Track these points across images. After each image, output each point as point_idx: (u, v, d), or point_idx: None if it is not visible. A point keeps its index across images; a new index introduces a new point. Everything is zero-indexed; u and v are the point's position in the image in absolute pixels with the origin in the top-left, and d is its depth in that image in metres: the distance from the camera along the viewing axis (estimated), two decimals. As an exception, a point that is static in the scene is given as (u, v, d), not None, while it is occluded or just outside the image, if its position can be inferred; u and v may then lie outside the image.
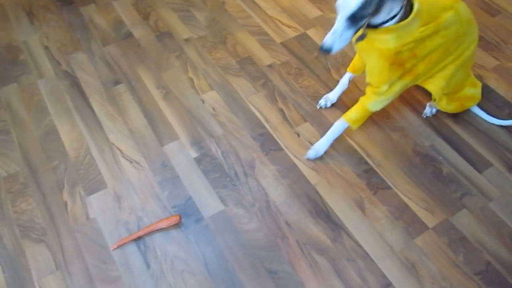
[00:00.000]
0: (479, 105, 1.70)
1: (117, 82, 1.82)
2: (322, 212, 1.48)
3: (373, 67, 1.39)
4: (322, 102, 1.75)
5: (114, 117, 1.72)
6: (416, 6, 1.27)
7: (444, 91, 1.51)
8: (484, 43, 1.97)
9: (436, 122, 1.71)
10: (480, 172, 1.58)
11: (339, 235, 1.43)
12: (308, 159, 1.61)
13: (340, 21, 1.21)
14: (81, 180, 1.55)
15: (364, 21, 1.23)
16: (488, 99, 1.75)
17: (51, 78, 1.84)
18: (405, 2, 1.24)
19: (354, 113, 1.52)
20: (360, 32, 1.33)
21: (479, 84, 1.63)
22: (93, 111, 1.74)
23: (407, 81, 1.42)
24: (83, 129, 1.68)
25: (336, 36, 1.22)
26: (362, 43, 1.37)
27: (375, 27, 1.28)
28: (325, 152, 1.61)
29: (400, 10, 1.25)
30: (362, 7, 1.18)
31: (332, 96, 1.75)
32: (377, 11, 1.23)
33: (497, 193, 1.52)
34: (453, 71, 1.45)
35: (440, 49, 1.37)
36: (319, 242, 1.41)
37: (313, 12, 2.11)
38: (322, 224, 1.45)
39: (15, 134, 1.67)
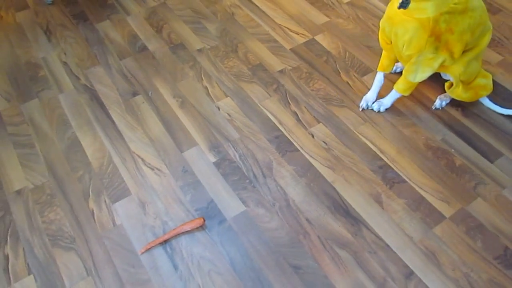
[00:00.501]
0: (489, 98, 1.76)
1: (135, 94, 1.89)
2: (341, 208, 1.53)
3: (411, 39, 1.48)
4: (363, 103, 1.81)
5: (133, 127, 1.78)
6: None
7: (462, 77, 1.60)
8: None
9: (446, 116, 1.76)
10: (491, 162, 1.62)
11: (359, 229, 1.47)
12: (372, 110, 1.80)
13: None
14: (106, 189, 1.61)
15: None
16: (495, 92, 1.80)
17: (71, 92, 1.91)
18: None
19: (401, 84, 1.68)
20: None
21: (490, 76, 1.70)
22: (113, 122, 1.80)
23: (444, 56, 1.51)
24: (105, 140, 1.75)
25: None
26: (401, 16, 1.46)
27: None
28: (386, 109, 1.79)
29: None
30: None
31: (371, 96, 1.81)
32: None
33: (510, 181, 1.56)
34: (471, 58, 1.56)
35: (469, 31, 1.47)
36: (340, 237, 1.46)
37: (320, 18, 2.18)
38: (341, 219, 1.50)
39: (39, 147, 1.74)
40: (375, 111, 1.79)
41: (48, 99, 1.89)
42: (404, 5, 1.41)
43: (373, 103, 1.80)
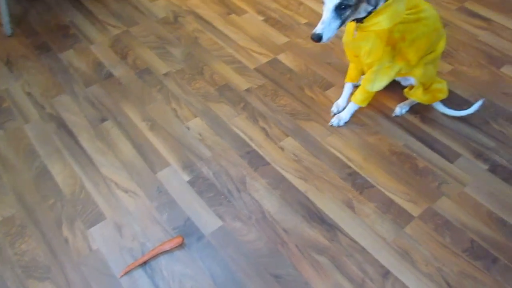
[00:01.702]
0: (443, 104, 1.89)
1: (103, 119, 1.89)
2: (315, 216, 1.57)
3: (370, 50, 1.57)
4: (334, 108, 1.90)
5: (104, 151, 1.78)
6: None
7: (422, 79, 1.71)
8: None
9: (406, 123, 1.87)
10: (451, 162, 1.73)
11: (335, 235, 1.52)
12: (332, 125, 1.86)
13: (328, 12, 1.41)
14: (79, 215, 1.59)
15: (348, 13, 1.42)
16: (448, 99, 1.91)
17: (37, 122, 1.89)
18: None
19: (359, 95, 1.77)
20: (353, 28, 1.56)
21: (444, 81, 1.82)
22: (82, 148, 1.79)
23: (400, 65, 1.62)
24: (75, 166, 1.73)
25: (325, 25, 1.43)
26: (359, 34, 1.57)
27: (361, 22, 1.51)
28: (345, 123, 1.87)
29: (377, 5, 1.47)
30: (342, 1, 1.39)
31: (341, 102, 1.90)
32: (356, 6, 1.43)
33: (470, 178, 1.67)
34: (429, 61, 1.68)
35: (424, 38, 1.59)
36: (317, 243, 1.50)
37: (281, 39, 2.28)
38: (317, 227, 1.54)
39: (6, 179, 1.70)
40: (334, 126, 1.86)
41: (13, 130, 1.86)
42: (315, 37, 1.48)
43: (333, 115, 1.90)
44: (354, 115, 1.88)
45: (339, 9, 1.41)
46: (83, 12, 2.43)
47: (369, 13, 1.49)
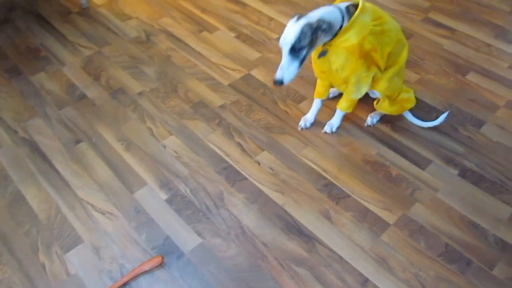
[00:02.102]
0: (412, 113, 1.94)
1: (78, 141, 1.88)
2: (293, 228, 1.59)
3: (343, 65, 1.62)
4: (301, 123, 1.93)
5: (79, 174, 1.77)
6: (360, 3, 1.54)
7: (387, 92, 1.76)
8: (406, 61, 2.23)
9: (378, 133, 1.91)
10: (423, 169, 1.77)
11: (313, 246, 1.54)
12: (326, 133, 1.92)
13: (284, 56, 1.48)
14: (56, 239, 1.57)
15: (304, 53, 1.46)
16: (417, 107, 1.97)
17: (9, 146, 1.86)
18: (344, 14, 1.53)
19: (344, 103, 1.83)
20: (319, 49, 1.61)
21: (411, 90, 1.88)
22: (57, 171, 1.77)
23: (375, 70, 1.67)
24: (50, 190, 1.71)
25: (284, 69, 1.49)
26: (332, 50, 1.61)
27: (330, 44, 1.56)
28: (337, 128, 1.93)
29: (342, 24, 1.53)
30: (299, 39, 1.44)
31: (309, 117, 1.93)
32: (312, 43, 1.46)
33: (441, 184, 1.72)
34: (393, 74, 1.73)
35: (388, 48, 1.64)
36: (296, 255, 1.51)
37: (253, 54, 2.32)
38: (295, 238, 1.56)
39: (-21, 206, 1.67)
40: (328, 133, 1.90)
41: (-15, 156, 1.83)
42: (323, 55, 1.60)
43: (301, 129, 1.93)
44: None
45: (294, 52, 1.47)
46: (54, 34, 2.42)
47: (335, 35, 1.54)
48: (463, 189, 1.71)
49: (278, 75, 1.51)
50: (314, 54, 1.70)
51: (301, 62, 1.51)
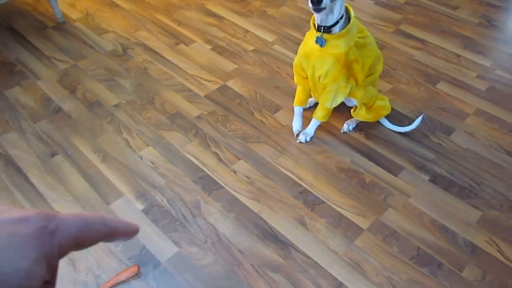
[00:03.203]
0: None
1: (53, 154, 1.87)
2: (269, 235, 1.61)
3: (327, 71, 1.66)
4: (301, 138, 1.95)
5: (55, 187, 1.76)
6: (352, 13, 1.61)
7: (363, 100, 1.82)
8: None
9: (352, 141, 1.96)
10: (395, 175, 1.82)
11: (288, 252, 1.56)
12: (300, 142, 1.95)
13: None
14: (30, 252, 1.55)
15: None
16: (390, 115, 2.02)
17: (-16, 160, 1.85)
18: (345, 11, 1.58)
19: (320, 113, 1.87)
20: (318, 34, 1.62)
21: (386, 98, 1.93)
22: (32, 185, 1.76)
23: (352, 84, 1.73)
24: (25, 203, 1.70)
25: None
26: (318, 55, 1.65)
27: (329, 31, 1.59)
28: (311, 138, 1.96)
29: (343, 16, 1.58)
30: None
31: (298, 125, 1.97)
32: None
33: (413, 190, 1.76)
34: (368, 83, 1.80)
35: (369, 60, 1.70)
36: (272, 262, 1.53)
37: (229, 66, 2.35)
38: (271, 245, 1.58)
39: (-49, 221, 1.64)
40: (303, 142, 1.93)
41: (-41, 170, 1.81)
42: (320, 42, 1.62)
43: (298, 134, 1.97)
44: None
45: None
46: (29, 48, 2.43)
47: (333, 25, 1.57)
48: (434, 194, 1.75)
49: None
50: (298, 58, 1.75)
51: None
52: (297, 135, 1.97)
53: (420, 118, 1.93)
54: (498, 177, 1.82)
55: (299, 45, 1.76)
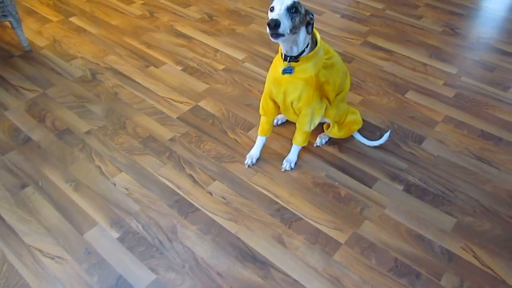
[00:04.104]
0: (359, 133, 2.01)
1: (23, 186, 1.83)
2: (248, 256, 1.59)
3: (300, 95, 1.67)
4: (248, 161, 1.93)
5: (26, 219, 1.71)
6: (318, 36, 1.63)
7: (336, 118, 1.84)
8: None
9: (326, 155, 1.97)
10: (370, 187, 1.83)
11: (268, 272, 1.54)
12: (285, 170, 1.91)
13: (281, 10, 1.43)
14: (2, 290, 1.50)
15: (297, 20, 1.46)
16: (362, 127, 2.04)
17: (-49, 197, 1.79)
18: (311, 35, 1.58)
19: (299, 137, 1.87)
20: (285, 65, 1.61)
21: (357, 111, 1.96)
22: (2, 219, 1.71)
23: (326, 103, 1.74)
24: (-5, 239, 1.65)
25: (281, 15, 1.42)
26: (288, 80, 1.64)
27: (297, 60, 1.58)
28: (295, 164, 1.93)
29: (309, 44, 1.58)
30: (296, 2, 1.45)
31: (254, 153, 1.94)
32: (302, 21, 1.50)
33: (388, 200, 1.78)
34: (339, 101, 1.82)
35: (338, 79, 1.72)
36: (252, 283, 1.51)
37: (201, 86, 2.35)
38: (250, 266, 1.56)
39: None
40: (288, 170, 1.90)
41: None
42: (288, 71, 1.61)
43: (248, 167, 1.93)
44: (276, 153, 1.96)
45: (290, 12, 1.44)
46: (-5, 78, 2.39)
47: (299, 55, 1.58)
48: (408, 203, 1.77)
49: (275, 16, 1.41)
50: (268, 83, 1.75)
51: (292, 27, 1.45)
52: (248, 165, 1.93)
53: (388, 134, 1.96)
54: (470, 183, 1.85)
55: (269, 61, 1.77)
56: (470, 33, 2.86)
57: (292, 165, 1.92)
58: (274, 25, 1.40)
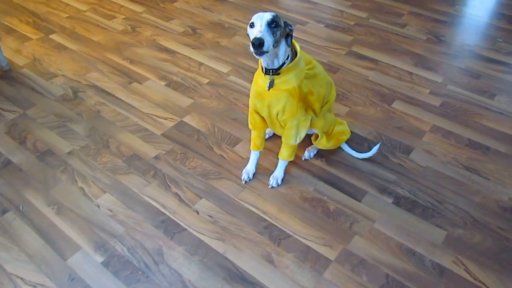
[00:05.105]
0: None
1: (4, 211, 1.77)
2: (236, 276, 1.55)
3: (284, 107, 1.64)
4: (244, 176, 1.90)
5: (7, 246, 1.66)
6: (298, 47, 1.60)
7: (324, 129, 1.82)
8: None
9: (314, 169, 1.94)
10: (359, 200, 1.81)
11: (257, 293, 1.51)
12: (272, 187, 1.87)
13: (263, 26, 1.42)
14: (-18, 322, 1.45)
15: (278, 34, 1.45)
16: (349, 139, 2.02)
17: None
18: (290, 47, 1.57)
19: (285, 152, 1.83)
20: (268, 80, 1.59)
21: (344, 122, 1.94)
22: (-18, 246, 1.66)
23: (311, 115, 1.72)
24: (-25, 268, 1.59)
25: (263, 32, 1.41)
26: (271, 93, 1.61)
27: (278, 73, 1.56)
28: (282, 180, 1.90)
29: (289, 56, 1.57)
30: (275, 17, 1.45)
31: (250, 168, 1.91)
32: (282, 34, 1.48)
33: (378, 214, 1.75)
34: (325, 111, 1.80)
35: (322, 89, 1.70)
36: (241, 305, 1.48)
37: (185, 101, 2.32)
38: (239, 287, 1.52)
39: None
40: (275, 186, 1.87)
41: None
42: (272, 85, 1.60)
43: (245, 182, 1.90)
44: (264, 168, 1.93)
45: (271, 27, 1.43)
46: (-26, 100, 2.33)
47: (280, 67, 1.56)
48: (398, 217, 1.75)
49: (258, 34, 1.40)
50: (252, 98, 1.73)
51: (274, 42, 1.44)
52: (246, 181, 1.90)
53: (377, 146, 1.93)
54: (459, 194, 1.84)
55: (254, 74, 1.74)
56: (455, 41, 2.86)
57: (279, 182, 1.89)
58: (259, 43, 1.39)
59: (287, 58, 1.57)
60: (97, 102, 2.31)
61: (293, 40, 1.60)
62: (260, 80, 1.65)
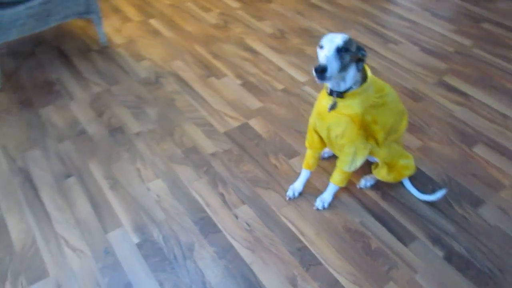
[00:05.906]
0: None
1: (68, 175, 1.94)
2: (256, 291, 1.53)
3: (343, 132, 1.57)
4: (290, 193, 1.87)
5: (62, 208, 1.81)
6: (369, 73, 1.52)
7: (386, 159, 1.71)
8: (409, 126, 2.16)
9: (366, 199, 1.83)
10: (406, 245, 1.67)
11: (271, 313, 1.47)
12: (317, 209, 1.82)
13: (330, 51, 1.37)
14: (24, 271, 1.60)
15: (347, 59, 1.40)
16: (414, 176, 1.88)
17: (5, 174, 1.95)
18: (361, 69, 1.49)
19: (337, 176, 1.76)
20: (331, 101, 1.53)
21: (411, 156, 1.79)
22: (43, 203, 1.83)
23: (372, 144, 1.63)
24: (32, 221, 1.76)
25: (330, 57, 1.36)
26: (332, 115, 1.55)
27: (342, 96, 1.50)
28: (329, 204, 1.83)
29: (358, 78, 1.49)
30: (347, 43, 1.39)
31: (298, 186, 1.87)
32: (352, 59, 1.42)
33: (422, 265, 1.60)
34: (392, 141, 1.69)
35: (390, 120, 1.60)
36: (252, 322, 1.45)
37: (255, 103, 2.32)
38: (255, 303, 1.50)
39: (-36, 229, 1.74)
40: (320, 209, 1.81)
41: (-18, 180, 1.92)
42: (333, 107, 1.53)
43: (288, 199, 1.86)
44: (314, 187, 1.87)
45: (339, 52, 1.38)
46: (70, 69, 2.56)
47: (346, 91, 1.50)
48: (445, 274, 1.58)
49: (323, 61, 1.35)
50: (313, 117, 1.68)
51: (341, 68, 1.40)
52: (290, 198, 1.86)
53: (442, 191, 1.77)
54: (524, 264, 1.61)
55: (326, 90, 1.68)
56: None
57: (325, 205, 1.81)
58: (321, 70, 1.34)
59: (355, 84, 1.50)
60: (174, 90, 2.41)
61: (365, 65, 1.52)
62: (324, 100, 1.59)
